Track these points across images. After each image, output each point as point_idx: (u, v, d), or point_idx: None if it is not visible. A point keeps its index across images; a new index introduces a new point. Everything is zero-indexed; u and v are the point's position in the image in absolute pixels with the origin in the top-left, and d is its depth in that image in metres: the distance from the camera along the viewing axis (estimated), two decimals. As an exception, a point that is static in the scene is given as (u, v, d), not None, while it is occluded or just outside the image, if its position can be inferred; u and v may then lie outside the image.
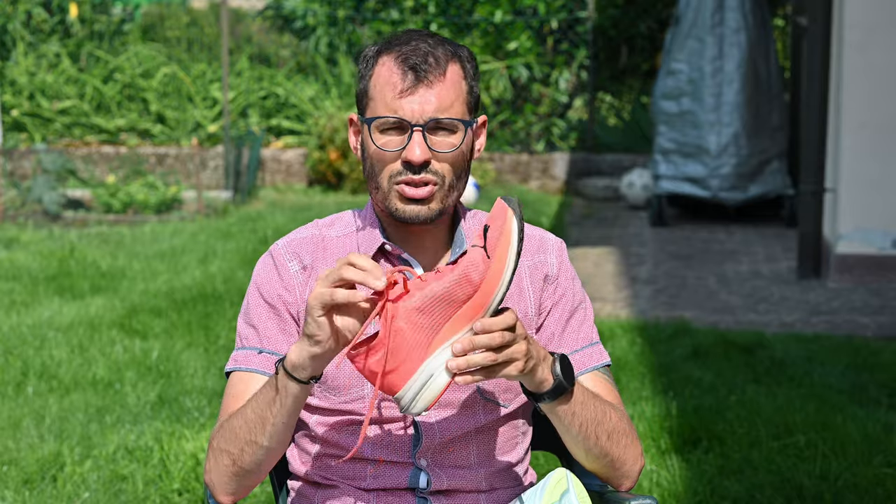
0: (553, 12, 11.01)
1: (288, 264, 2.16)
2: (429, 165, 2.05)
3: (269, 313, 2.14)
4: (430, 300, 1.84)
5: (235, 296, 6.43)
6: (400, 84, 2.04)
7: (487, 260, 1.85)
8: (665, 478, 4.01)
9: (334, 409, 2.14)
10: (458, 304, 1.85)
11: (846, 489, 3.91)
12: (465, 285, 1.84)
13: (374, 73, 2.07)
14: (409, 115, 2.03)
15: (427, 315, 1.84)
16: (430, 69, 2.04)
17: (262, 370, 2.12)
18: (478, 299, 1.85)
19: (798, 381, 5.09)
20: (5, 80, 11.27)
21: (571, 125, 11.36)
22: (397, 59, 2.05)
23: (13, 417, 4.67)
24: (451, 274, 1.85)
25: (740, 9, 8.83)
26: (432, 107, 2.03)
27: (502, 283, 1.85)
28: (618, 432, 2.08)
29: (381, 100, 2.05)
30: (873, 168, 6.99)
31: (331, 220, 2.23)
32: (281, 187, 10.76)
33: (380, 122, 2.05)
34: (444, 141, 2.06)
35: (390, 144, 2.05)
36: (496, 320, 1.84)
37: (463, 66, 2.08)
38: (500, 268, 1.85)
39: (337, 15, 11.51)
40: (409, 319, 1.84)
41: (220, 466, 2.06)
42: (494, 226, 1.86)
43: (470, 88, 2.09)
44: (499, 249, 1.85)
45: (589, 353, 2.19)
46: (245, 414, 2.02)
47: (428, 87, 2.03)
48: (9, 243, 8.20)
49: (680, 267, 7.67)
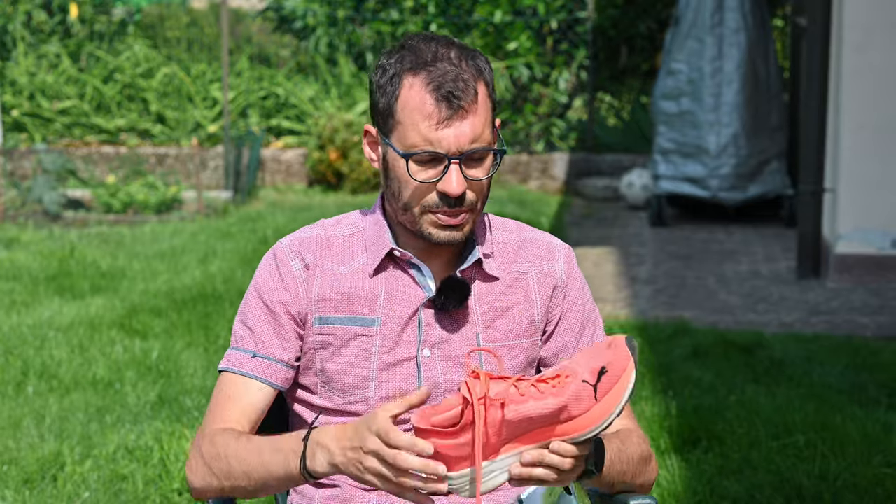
0: (553, 12, 11.01)
1: (290, 263, 2.15)
2: (464, 196, 2.05)
3: (266, 317, 2.14)
4: (521, 418, 1.83)
5: (235, 296, 6.43)
6: (436, 115, 2.00)
7: (593, 402, 1.85)
8: (665, 478, 4.02)
9: (338, 410, 2.14)
10: (544, 425, 1.85)
11: (845, 489, 3.91)
12: (560, 414, 1.84)
13: (400, 95, 2.03)
14: (445, 148, 2.01)
15: (512, 428, 1.84)
16: (463, 96, 2.00)
17: (254, 374, 2.12)
18: (566, 428, 1.85)
19: (797, 381, 5.09)
20: (5, 80, 11.28)
21: (571, 125, 11.36)
22: (429, 86, 2.01)
23: (13, 417, 4.67)
24: (553, 399, 1.83)
25: (740, 9, 8.83)
26: (467, 138, 2.01)
27: (598, 427, 1.85)
28: (641, 464, 2.10)
29: (412, 127, 2.02)
30: (873, 168, 6.99)
31: (336, 220, 2.22)
32: (281, 187, 10.77)
33: (416, 156, 2.03)
34: (478, 169, 2.05)
35: (426, 176, 2.04)
36: (574, 449, 1.85)
37: (486, 81, 2.06)
38: (602, 413, 1.85)
39: (337, 15, 11.51)
40: (493, 426, 1.84)
41: (206, 482, 2.08)
42: (612, 371, 1.85)
43: (493, 105, 2.07)
44: (609, 397, 1.85)
45: None
46: (247, 465, 2.01)
47: (462, 118, 2.01)
48: (9, 243, 8.20)
49: (679, 267, 7.67)
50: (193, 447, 2.11)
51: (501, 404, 1.82)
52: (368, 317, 2.11)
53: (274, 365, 2.13)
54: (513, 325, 2.16)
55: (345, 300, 2.12)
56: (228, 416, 2.11)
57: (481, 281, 2.16)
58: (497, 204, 9.63)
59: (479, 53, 2.09)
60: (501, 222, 2.24)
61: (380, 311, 2.12)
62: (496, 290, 2.16)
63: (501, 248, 2.19)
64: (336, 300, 2.12)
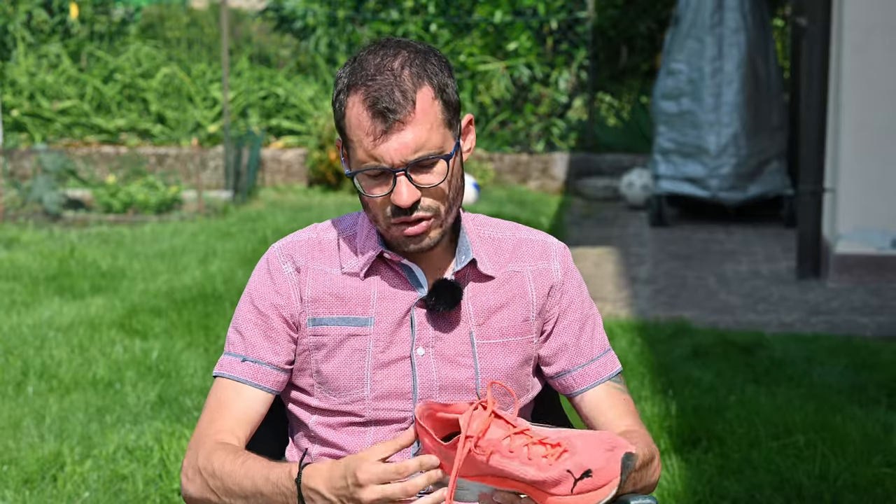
0: (553, 12, 11.01)
1: (282, 266, 2.16)
2: (418, 203, 2.05)
3: (256, 320, 2.15)
4: (500, 469, 1.88)
5: (235, 296, 6.44)
6: (372, 131, 2.01)
7: (569, 492, 1.88)
8: (665, 477, 4.02)
9: (334, 410, 2.14)
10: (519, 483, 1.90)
11: (845, 489, 3.92)
12: (537, 486, 1.88)
13: (346, 115, 2.04)
14: (388, 161, 2.01)
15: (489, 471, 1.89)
16: (399, 108, 1.99)
17: (244, 379, 2.14)
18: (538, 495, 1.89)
19: (797, 381, 5.09)
20: (6, 80, 11.28)
21: (571, 125, 11.36)
22: (365, 102, 2.01)
23: (13, 417, 4.67)
24: (534, 471, 1.87)
25: (739, 9, 8.84)
26: (409, 148, 2.01)
27: None
28: (643, 469, 2.09)
29: (359, 145, 2.03)
30: (872, 168, 6.99)
31: (329, 224, 2.23)
32: (281, 187, 10.77)
33: (363, 173, 2.04)
34: (428, 177, 2.05)
35: (378, 190, 2.05)
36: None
37: (432, 83, 2.03)
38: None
39: (337, 15, 11.51)
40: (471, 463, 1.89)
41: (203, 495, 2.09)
42: (596, 478, 1.88)
43: (445, 104, 2.04)
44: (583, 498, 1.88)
45: (603, 363, 2.21)
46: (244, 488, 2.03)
47: (400, 130, 2.00)
48: (9, 243, 8.20)
49: (680, 267, 7.68)
50: (189, 456, 2.12)
51: (489, 453, 1.87)
52: (362, 316, 2.12)
53: (264, 368, 2.14)
54: (507, 322, 2.16)
55: (338, 301, 2.13)
56: (222, 423, 2.13)
57: (475, 281, 2.16)
58: (497, 204, 9.63)
59: (433, 54, 2.07)
60: (496, 222, 2.25)
61: (373, 311, 2.12)
62: (489, 288, 2.17)
63: (496, 247, 2.20)
64: (329, 301, 2.13)
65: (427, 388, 2.12)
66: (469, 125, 2.15)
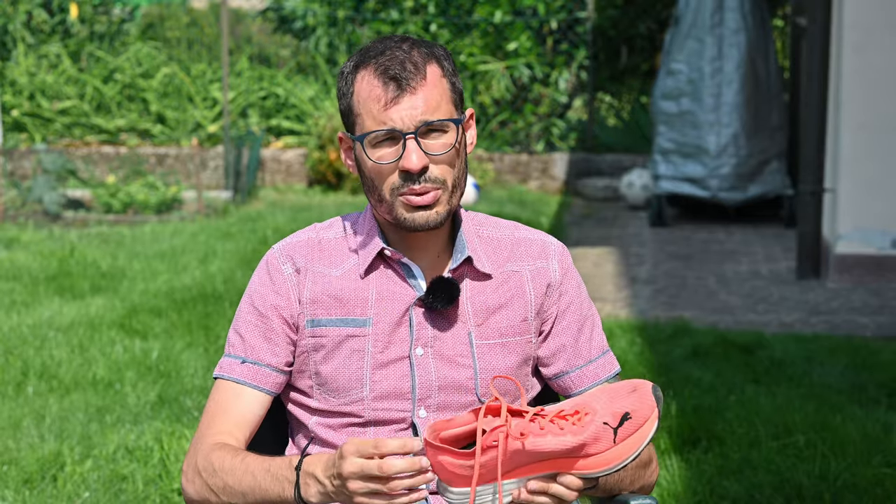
0: (553, 12, 11.01)
1: (282, 267, 2.16)
2: (427, 172, 2.05)
3: (257, 322, 2.15)
4: (537, 451, 1.85)
5: (235, 296, 6.44)
6: (384, 96, 2.03)
7: (611, 444, 1.86)
8: (665, 477, 4.02)
9: (333, 411, 2.14)
10: (558, 457, 1.87)
11: (845, 489, 3.91)
12: (577, 452, 1.86)
13: (355, 90, 2.07)
14: (399, 125, 2.03)
15: (524, 459, 1.86)
16: (411, 75, 2.03)
17: (243, 380, 2.14)
18: (581, 464, 1.87)
19: (797, 381, 5.09)
20: (6, 80, 11.28)
21: (571, 125, 11.36)
22: (376, 72, 2.04)
23: (13, 417, 4.67)
24: (571, 437, 1.85)
25: (739, 9, 8.84)
26: (420, 111, 2.03)
27: (611, 469, 1.87)
28: (640, 469, 2.10)
29: (368, 114, 2.05)
30: (872, 168, 6.99)
31: (329, 224, 2.23)
32: (281, 187, 10.77)
33: (371, 136, 2.05)
34: (438, 143, 2.06)
35: (386, 157, 2.06)
36: (581, 483, 1.88)
37: (441, 64, 2.08)
38: (618, 455, 1.87)
39: (337, 15, 11.51)
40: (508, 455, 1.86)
41: (202, 495, 2.09)
42: (635, 418, 1.87)
43: (452, 85, 2.09)
44: (628, 442, 1.87)
45: (602, 364, 2.21)
46: (244, 483, 2.02)
47: (412, 94, 2.03)
48: (9, 243, 8.20)
49: (679, 267, 7.68)
50: (189, 457, 2.12)
51: (521, 433, 1.84)
52: (360, 317, 2.12)
53: (263, 370, 2.14)
54: (506, 322, 2.16)
55: (336, 302, 2.13)
56: (222, 425, 2.13)
57: (473, 279, 2.16)
58: (497, 204, 9.63)
59: (439, 46, 2.12)
60: (495, 221, 2.25)
61: (371, 312, 2.12)
62: (488, 288, 2.17)
63: (495, 246, 2.19)
64: (328, 302, 2.13)
65: (426, 388, 2.12)
66: (471, 119, 2.16)
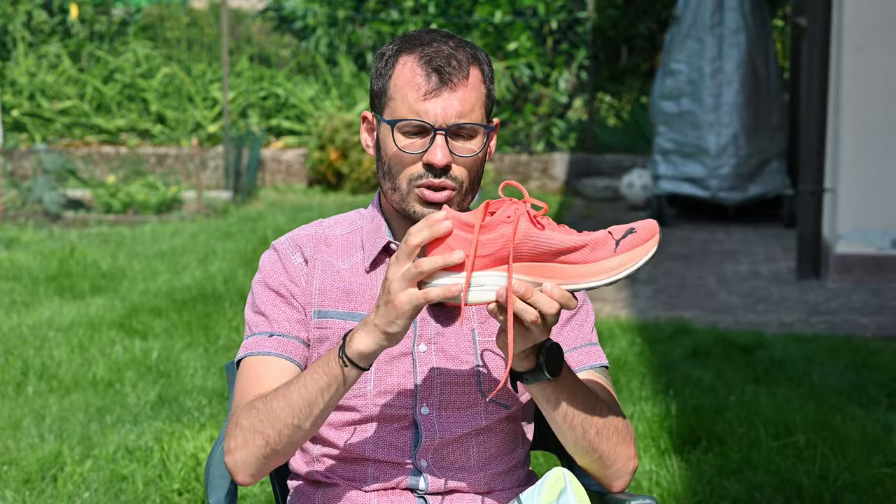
0: (553, 12, 11.01)
1: (291, 257, 2.16)
2: (449, 170, 2.05)
3: (276, 300, 2.14)
4: (545, 242, 1.82)
5: (235, 296, 6.44)
6: (424, 86, 2.03)
7: (612, 252, 1.84)
8: (664, 478, 4.02)
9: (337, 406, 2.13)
10: (554, 257, 1.84)
11: (845, 489, 3.91)
12: (578, 255, 1.84)
13: (394, 73, 2.06)
14: (432, 119, 2.03)
15: (529, 246, 1.82)
16: (454, 72, 2.03)
17: (275, 352, 2.11)
18: (575, 271, 1.84)
19: (797, 381, 5.09)
20: (6, 80, 11.28)
21: (571, 125, 11.36)
22: (420, 60, 2.04)
23: (13, 417, 4.67)
24: (577, 237, 1.84)
25: (739, 9, 8.84)
26: (455, 111, 2.03)
27: (605, 279, 1.84)
28: (608, 429, 2.06)
29: (402, 101, 2.04)
30: (872, 168, 6.99)
31: (334, 220, 2.23)
32: (281, 187, 10.77)
33: (402, 124, 2.05)
34: (465, 146, 2.06)
35: (412, 147, 2.05)
36: (565, 295, 1.84)
37: (482, 69, 2.08)
38: (614, 265, 1.84)
39: (337, 15, 11.51)
40: (517, 237, 1.82)
41: (252, 447, 2.03)
42: (639, 234, 1.87)
43: (488, 92, 2.09)
44: (628, 255, 1.85)
45: (587, 352, 2.19)
46: (289, 397, 1.99)
47: (452, 91, 2.03)
48: (9, 243, 8.20)
49: (680, 267, 7.68)
50: (228, 434, 2.06)
51: (535, 218, 1.81)
52: (367, 312, 2.11)
53: (292, 342, 2.12)
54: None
55: (344, 296, 2.13)
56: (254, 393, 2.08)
57: None
58: (497, 204, 9.62)
59: (482, 50, 2.12)
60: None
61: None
62: None
63: None
64: (335, 295, 2.13)
65: (429, 384, 2.11)
66: (496, 129, 2.16)
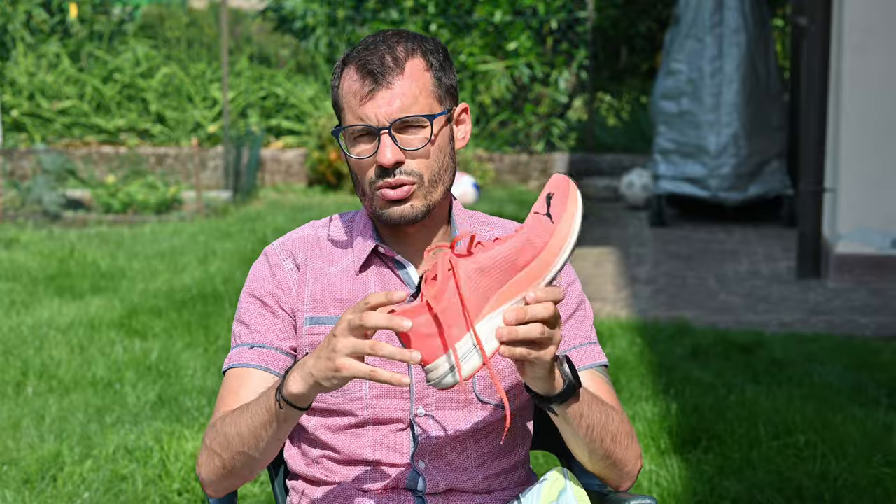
0: (553, 12, 11.01)
1: (282, 263, 2.17)
2: (402, 165, 2.06)
3: (258, 309, 2.15)
4: (492, 262, 1.80)
5: (235, 296, 6.43)
6: (360, 91, 2.05)
7: (552, 226, 1.82)
8: (664, 477, 4.02)
9: (332, 410, 2.14)
10: (516, 270, 1.81)
11: (845, 489, 3.91)
12: (527, 251, 1.81)
13: (340, 84, 2.10)
14: (373, 120, 2.05)
15: (486, 277, 1.79)
16: (388, 70, 2.04)
17: (254, 364, 2.13)
18: (535, 268, 1.81)
19: (797, 381, 5.09)
20: (5, 80, 11.28)
21: (571, 125, 11.36)
22: (356, 66, 2.07)
23: (13, 417, 4.67)
24: (515, 239, 1.82)
25: (740, 9, 8.84)
26: (396, 107, 2.04)
27: (565, 251, 1.82)
28: (620, 434, 2.07)
29: (349, 109, 2.08)
30: (873, 168, 6.99)
31: (326, 221, 2.24)
32: (281, 187, 10.77)
33: (348, 131, 2.08)
34: (414, 138, 2.07)
35: (364, 152, 2.08)
36: (550, 290, 1.82)
37: (426, 58, 2.08)
38: (565, 233, 1.82)
39: (337, 15, 11.51)
40: (469, 279, 1.79)
41: (211, 466, 2.09)
42: (558, 193, 1.83)
43: (437, 80, 2.08)
44: (565, 216, 1.82)
45: (587, 351, 2.18)
46: (238, 426, 2.03)
47: (388, 89, 2.04)
48: (9, 243, 8.20)
49: (680, 267, 7.67)
50: (202, 445, 2.13)
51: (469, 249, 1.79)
52: None
53: (272, 353, 2.14)
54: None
55: (336, 301, 2.14)
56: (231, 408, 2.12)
57: None
58: (497, 204, 9.63)
59: (432, 40, 2.12)
60: (494, 220, 2.25)
61: None
62: None
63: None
64: (327, 301, 2.14)
65: (424, 386, 2.11)
66: (464, 113, 2.16)
